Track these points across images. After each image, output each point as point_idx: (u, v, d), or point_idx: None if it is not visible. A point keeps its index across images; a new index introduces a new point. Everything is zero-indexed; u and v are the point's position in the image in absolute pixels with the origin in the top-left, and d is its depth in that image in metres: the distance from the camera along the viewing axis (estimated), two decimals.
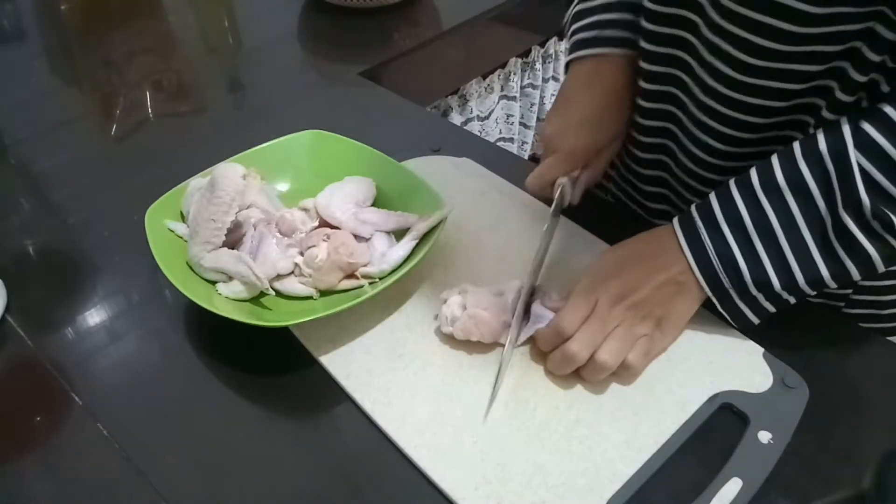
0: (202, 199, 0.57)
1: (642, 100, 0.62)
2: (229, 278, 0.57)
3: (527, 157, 1.39)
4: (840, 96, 0.50)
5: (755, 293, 0.51)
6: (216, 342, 0.57)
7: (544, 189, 0.62)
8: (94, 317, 0.59)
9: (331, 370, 0.53)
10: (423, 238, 0.59)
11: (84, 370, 0.55)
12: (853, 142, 0.47)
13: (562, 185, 0.60)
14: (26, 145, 0.80)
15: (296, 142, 0.68)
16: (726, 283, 0.51)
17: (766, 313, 0.52)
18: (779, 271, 0.49)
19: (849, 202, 0.47)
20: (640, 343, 0.51)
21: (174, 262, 0.56)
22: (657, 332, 0.52)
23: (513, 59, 1.25)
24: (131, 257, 0.64)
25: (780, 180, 0.49)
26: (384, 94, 0.89)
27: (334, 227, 0.61)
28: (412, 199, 0.63)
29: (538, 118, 1.39)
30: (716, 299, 0.52)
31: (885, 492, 0.45)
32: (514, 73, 1.28)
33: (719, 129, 0.57)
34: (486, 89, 1.24)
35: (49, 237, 0.68)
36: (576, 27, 0.65)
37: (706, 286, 0.51)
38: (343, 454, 0.49)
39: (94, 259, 0.65)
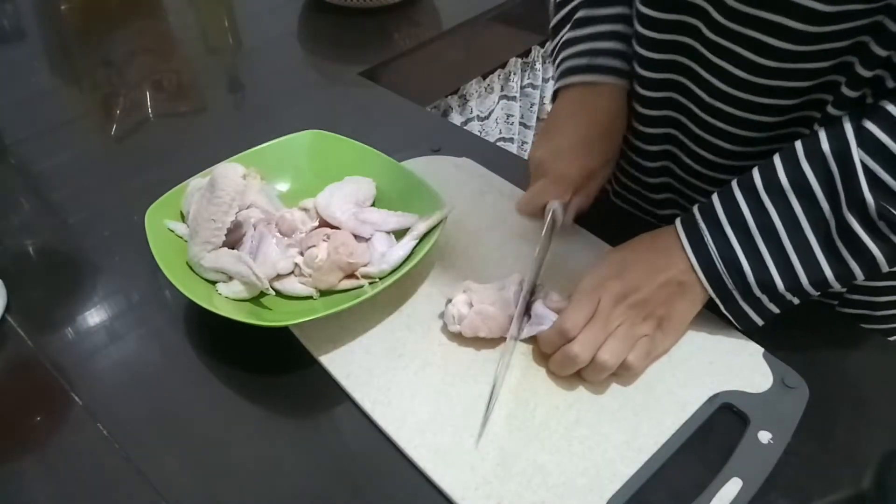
0: (202, 199, 0.57)
1: (643, 108, 0.62)
2: (229, 278, 0.57)
3: (527, 158, 1.39)
4: (847, 91, 0.49)
5: (759, 294, 0.50)
6: (216, 342, 0.57)
7: (534, 213, 0.62)
8: (94, 317, 0.59)
9: (331, 370, 0.53)
10: (423, 238, 0.59)
11: (84, 370, 0.55)
12: (856, 140, 0.46)
13: (553, 209, 0.59)
14: (26, 145, 0.80)
15: (296, 142, 0.68)
16: (729, 285, 0.51)
17: (770, 314, 0.52)
18: (782, 272, 0.49)
19: (853, 202, 0.46)
20: (641, 343, 0.51)
21: (174, 262, 0.56)
22: (658, 333, 0.52)
23: (513, 59, 1.25)
24: (131, 257, 0.64)
25: (783, 181, 0.49)
26: (384, 94, 0.89)
27: (334, 227, 0.61)
28: (412, 199, 0.63)
29: (538, 118, 1.39)
30: (719, 301, 0.52)
31: (885, 492, 0.45)
32: (514, 73, 1.28)
33: (728, 129, 0.57)
34: (486, 89, 1.24)
35: (49, 237, 0.68)
36: (565, 55, 0.64)
37: (709, 287, 0.51)
38: (343, 454, 0.49)
39: (94, 259, 0.65)
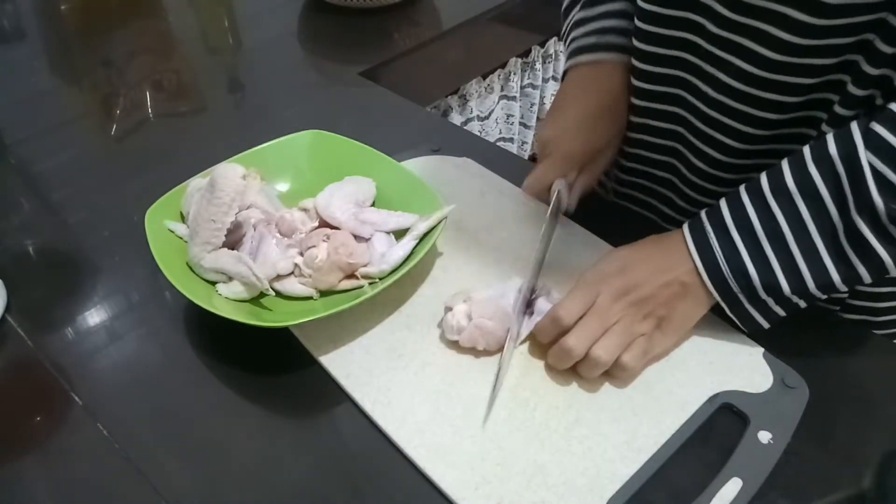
0: (202, 200, 0.57)
1: (641, 100, 0.62)
2: (229, 279, 0.57)
3: (527, 157, 1.39)
4: (853, 90, 0.49)
5: (764, 297, 0.50)
6: (216, 342, 0.57)
7: (541, 193, 0.63)
8: (94, 317, 0.59)
9: (331, 370, 0.53)
10: (423, 238, 0.59)
11: (84, 370, 0.55)
12: (864, 143, 0.46)
13: (558, 188, 0.60)
14: (26, 145, 0.80)
15: (296, 142, 0.68)
16: (735, 288, 0.50)
17: (776, 317, 0.52)
18: (788, 275, 0.49)
19: (862, 206, 0.46)
20: (637, 342, 0.51)
21: (174, 263, 0.56)
22: (657, 333, 0.52)
23: (513, 59, 1.25)
24: (131, 257, 0.64)
25: (790, 184, 0.49)
26: (384, 94, 0.89)
27: (334, 227, 0.61)
28: (412, 199, 0.63)
29: (538, 118, 1.39)
30: (725, 304, 0.52)
31: (885, 492, 0.45)
32: (514, 73, 1.28)
33: (732, 125, 0.57)
34: (486, 89, 1.24)
35: (49, 237, 0.68)
36: (574, 34, 0.65)
37: (714, 290, 0.51)
38: (343, 454, 0.49)
39: (94, 259, 0.65)
